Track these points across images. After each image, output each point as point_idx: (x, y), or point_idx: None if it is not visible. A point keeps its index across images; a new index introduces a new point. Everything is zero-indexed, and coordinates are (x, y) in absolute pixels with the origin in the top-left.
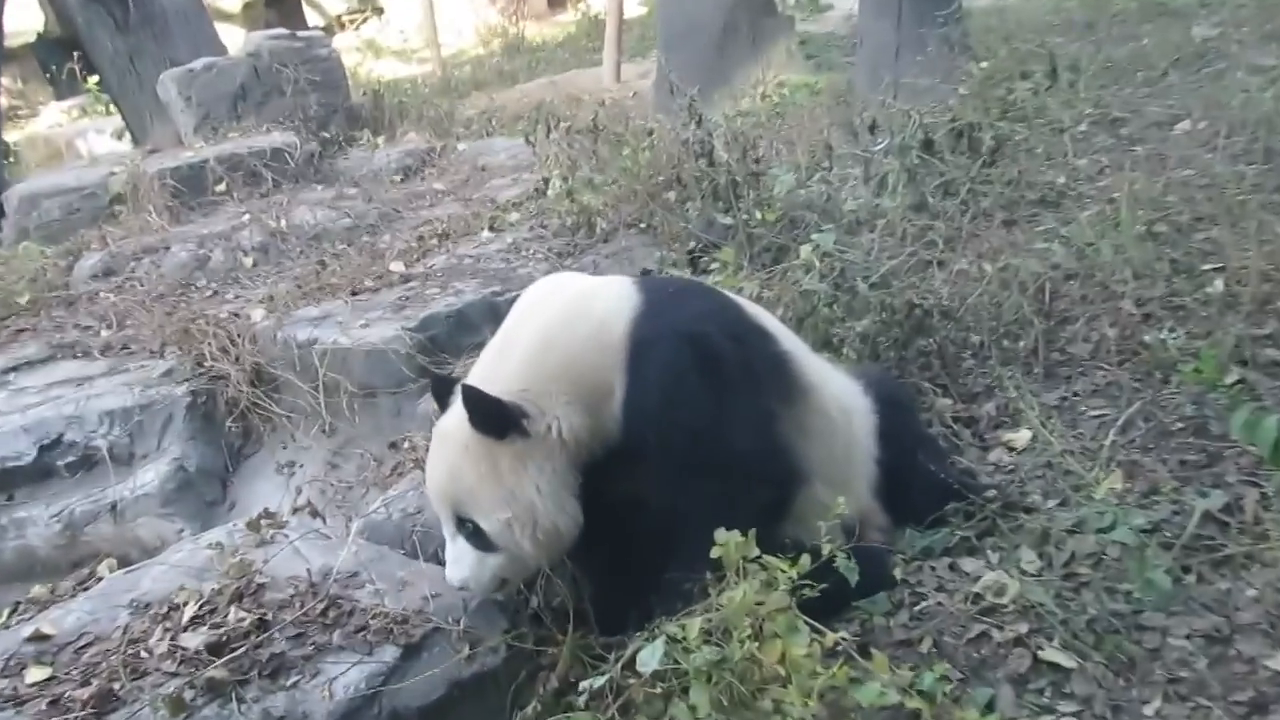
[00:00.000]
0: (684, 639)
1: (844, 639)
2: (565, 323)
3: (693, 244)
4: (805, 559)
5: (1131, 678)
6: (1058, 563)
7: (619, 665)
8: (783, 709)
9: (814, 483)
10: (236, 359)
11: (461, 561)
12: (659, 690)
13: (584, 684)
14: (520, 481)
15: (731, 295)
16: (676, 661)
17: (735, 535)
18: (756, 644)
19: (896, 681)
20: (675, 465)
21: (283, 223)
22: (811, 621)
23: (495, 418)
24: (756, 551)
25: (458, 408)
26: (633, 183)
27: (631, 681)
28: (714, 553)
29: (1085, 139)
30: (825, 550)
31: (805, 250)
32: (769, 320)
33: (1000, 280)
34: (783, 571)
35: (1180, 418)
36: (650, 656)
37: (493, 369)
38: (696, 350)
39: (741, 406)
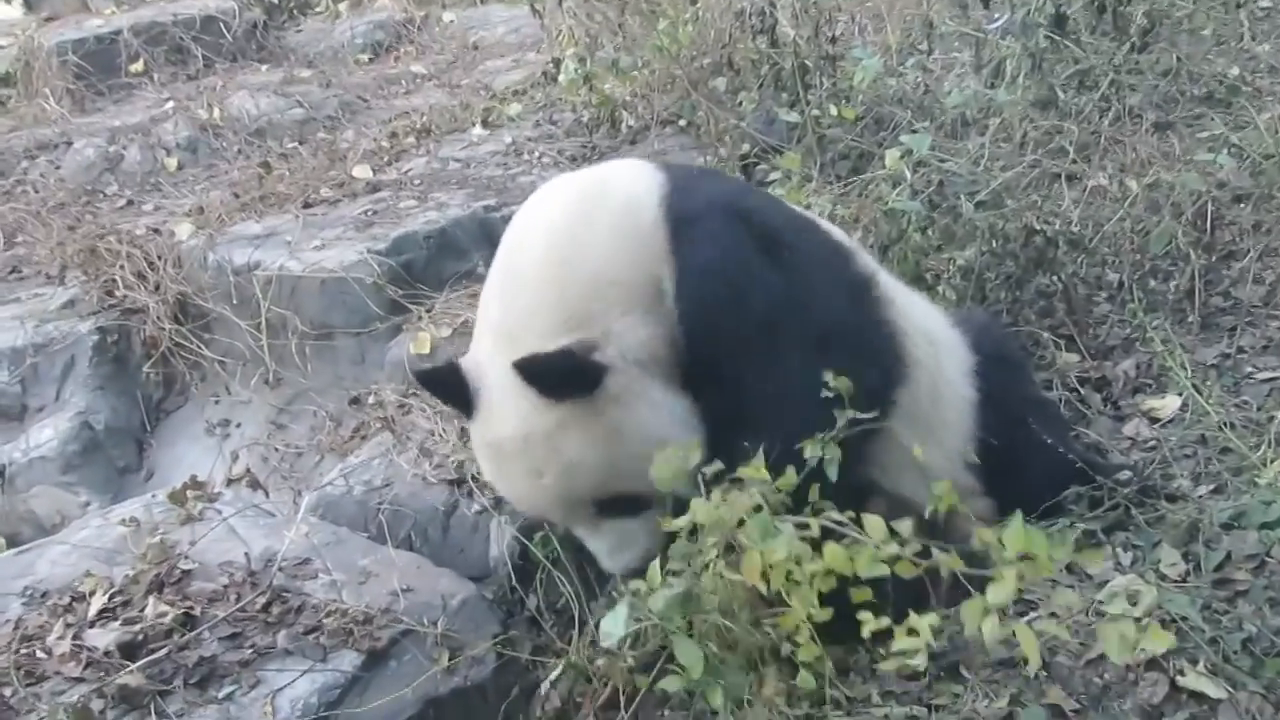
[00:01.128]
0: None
1: (833, 521)
2: (580, 222)
3: (746, 147)
4: (790, 472)
5: None
6: (1208, 566)
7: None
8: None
9: (898, 411)
10: (156, 287)
11: (628, 539)
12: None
13: (543, 680)
14: (640, 419)
15: (795, 208)
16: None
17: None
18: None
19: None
20: (756, 356)
21: (216, 113)
22: (792, 518)
23: (575, 371)
24: (718, 465)
25: (503, 400)
26: (670, 66)
27: (599, 662)
28: (655, 472)
29: (1268, 17)
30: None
31: (890, 157)
32: (836, 232)
33: (1149, 201)
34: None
35: None
36: (613, 624)
37: (510, 320)
38: (749, 224)
39: (820, 275)
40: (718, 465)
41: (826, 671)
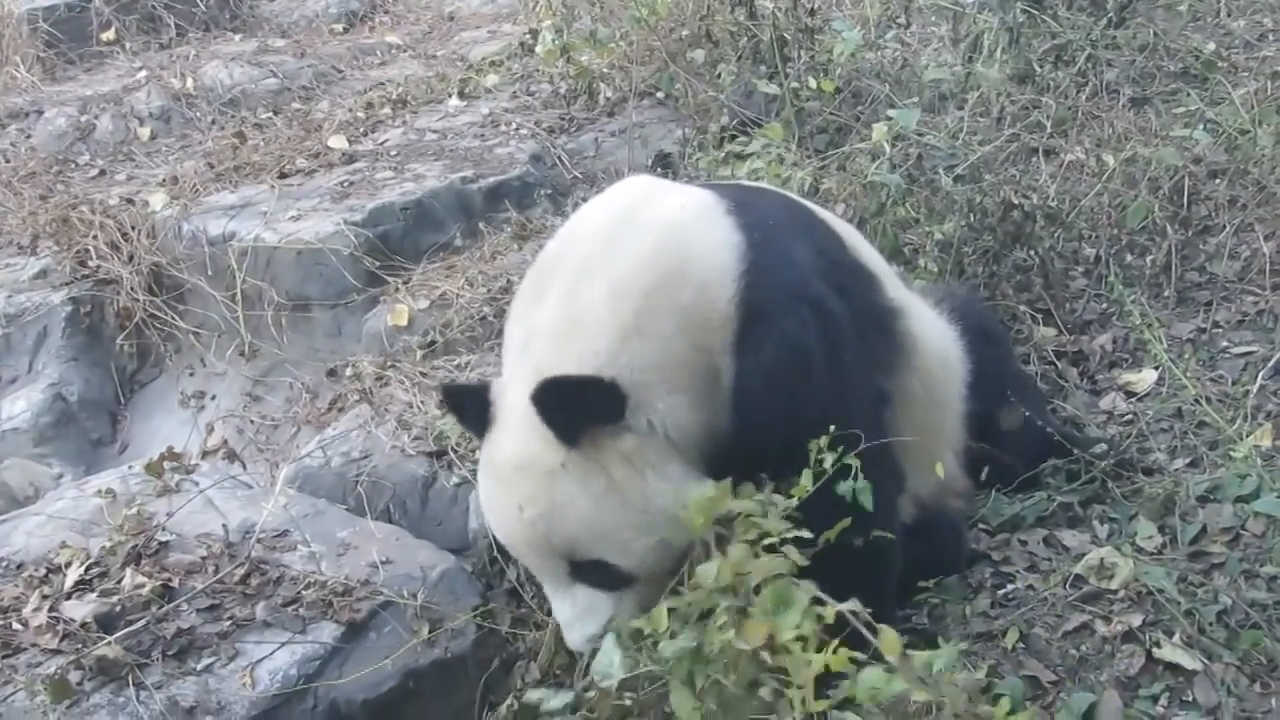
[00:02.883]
0: (652, 634)
1: (855, 613)
2: (659, 288)
3: (725, 120)
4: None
5: (1270, 683)
6: (1184, 539)
7: (582, 681)
8: (779, 706)
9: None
10: (130, 258)
11: (595, 612)
12: (629, 700)
13: (542, 699)
14: (646, 490)
15: (818, 211)
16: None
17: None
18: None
19: (905, 668)
20: (801, 449)
21: (189, 82)
22: (817, 593)
23: (599, 402)
24: (735, 507)
25: (513, 424)
26: (648, 37)
27: (591, 694)
28: (690, 513)
29: None
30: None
31: (877, 131)
32: (861, 246)
33: (1125, 176)
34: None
35: None
36: (607, 663)
37: (555, 343)
38: (816, 321)
39: (858, 388)
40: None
41: None
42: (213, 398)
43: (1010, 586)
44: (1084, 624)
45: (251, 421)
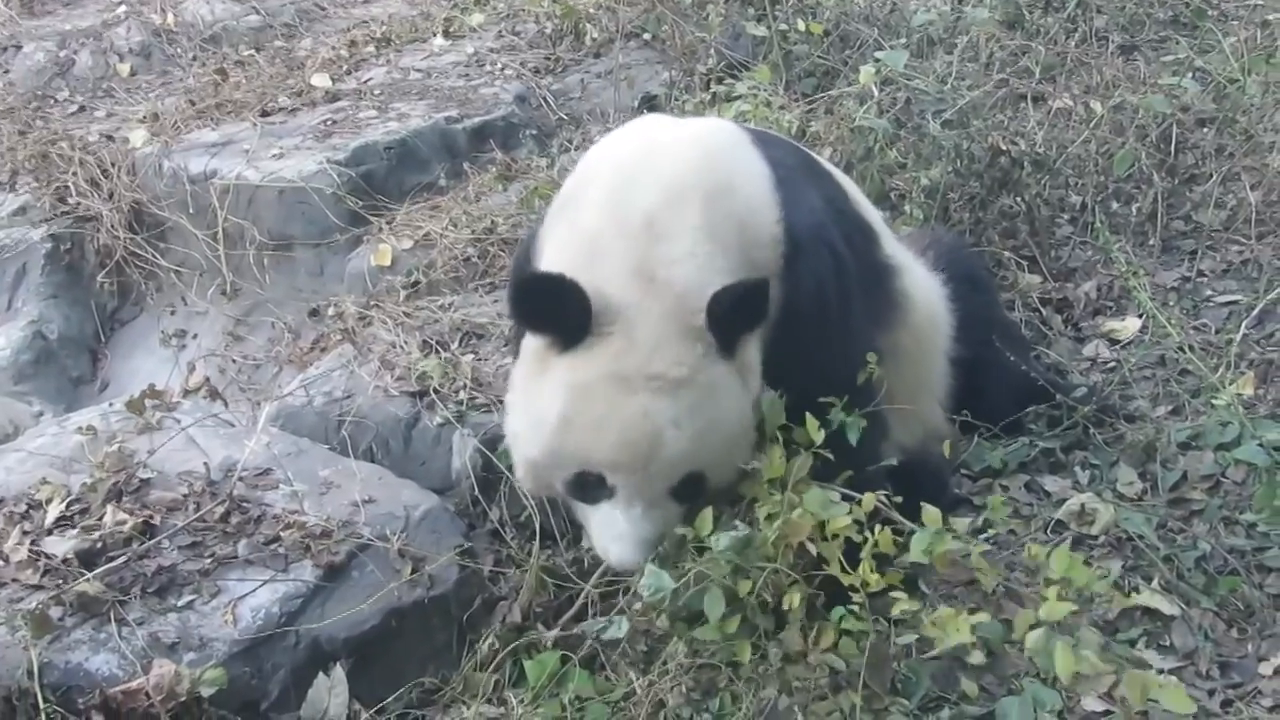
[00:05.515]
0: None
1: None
2: (715, 194)
3: (712, 62)
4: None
5: (1247, 628)
6: (1164, 485)
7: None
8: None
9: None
10: (110, 195)
11: (651, 530)
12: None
13: (602, 628)
14: (756, 398)
15: (822, 161)
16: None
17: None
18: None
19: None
20: (816, 385)
21: (170, 17)
22: (843, 489)
23: (755, 308)
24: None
25: (646, 334)
26: None
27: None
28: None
29: None
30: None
31: (864, 74)
32: (861, 200)
33: (1113, 124)
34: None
35: None
36: (657, 581)
37: (661, 264)
38: (835, 266)
39: (860, 338)
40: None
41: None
42: (194, 336)
43: (991, 532)
44: None
45: (233, 361)
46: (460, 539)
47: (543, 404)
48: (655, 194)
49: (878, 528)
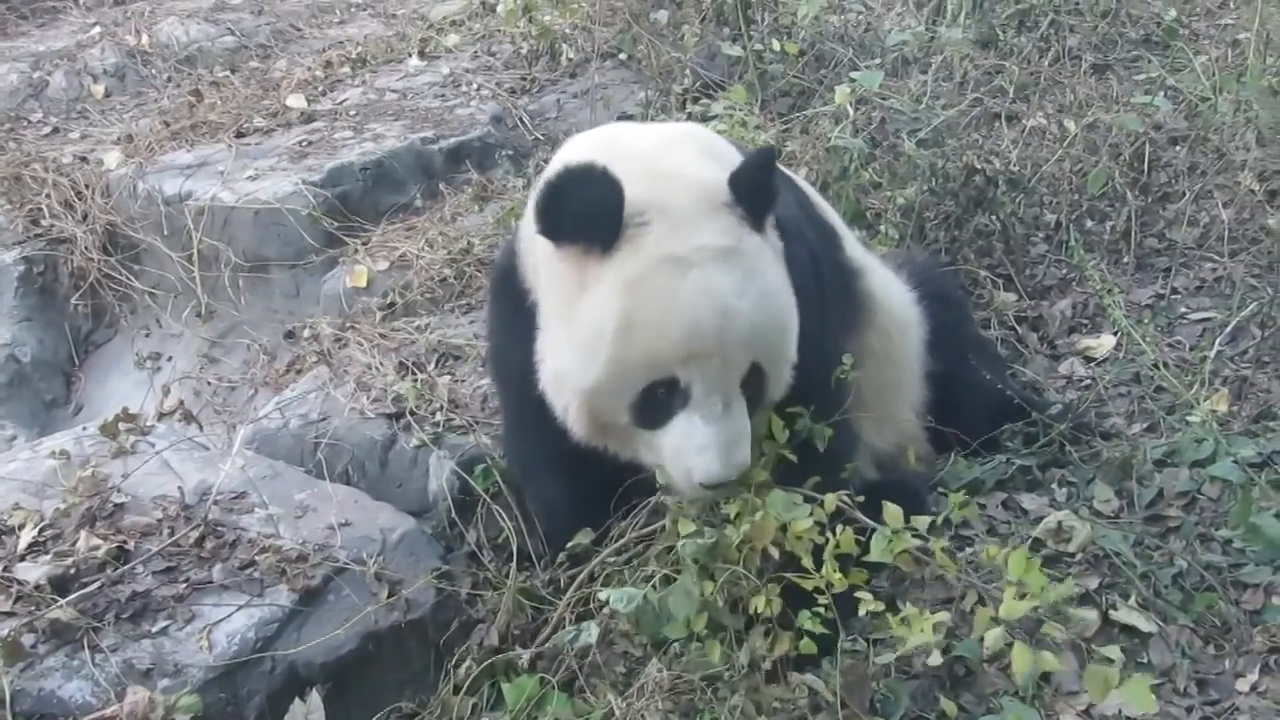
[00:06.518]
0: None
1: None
2: (715, 162)
3: (688, 81)
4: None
5: (1224, 645)
6: (1140, 502)
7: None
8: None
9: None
10: (84, 217)
11: (748, 435)
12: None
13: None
14: (789, 289)
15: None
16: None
17: None
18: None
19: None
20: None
21: (145, 38)
22: (805, 491)
23: (772, 187)
24: None
25: (686, 216)
26: None
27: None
28: None
29: None
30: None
31: (840, 93)
32: (823, 204)
33: (1086, 142)
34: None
35: None
36: (621, 598)
37: (649, 159)
38: (812, 259)
39: (832, 336)
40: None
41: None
42: (169, 359)
43: (969, 549)
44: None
45: (208, 383)
46: (437, 562)
47: (596, 316)
48: (649, 140)
49: (839, 528)
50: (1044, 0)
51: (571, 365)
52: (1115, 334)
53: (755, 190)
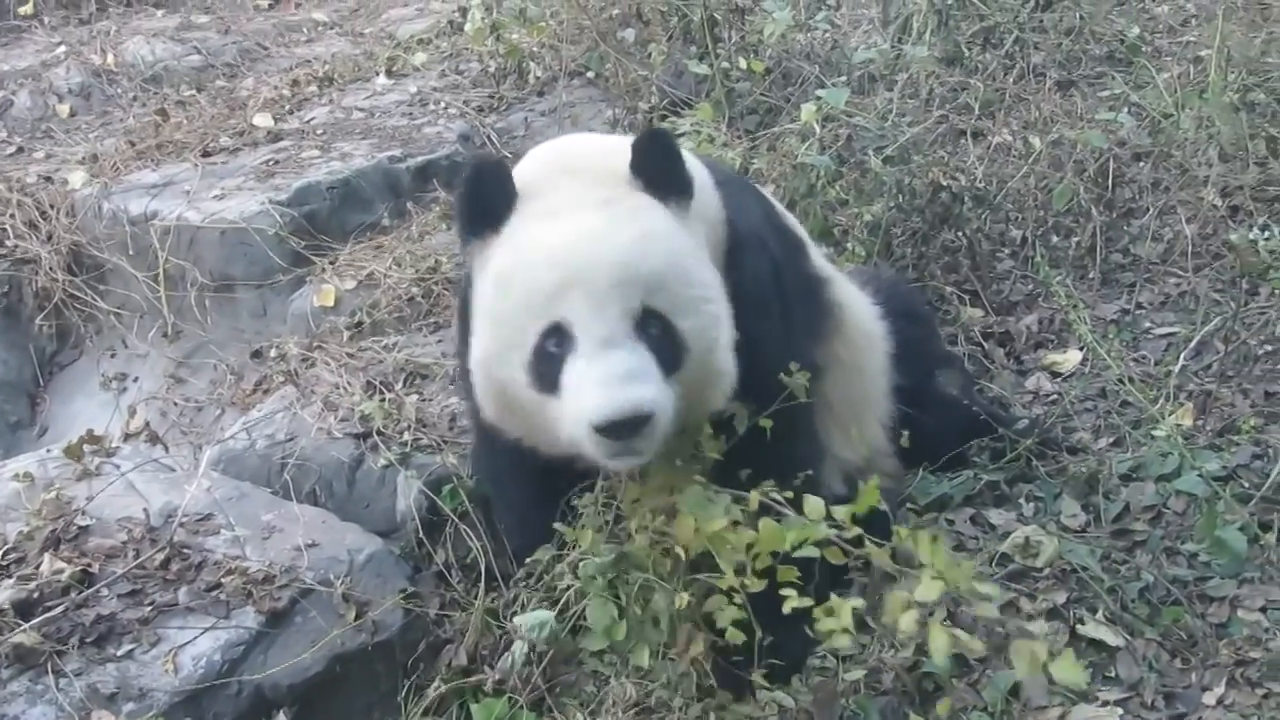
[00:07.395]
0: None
1: (773, 499)
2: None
3: (655, 99)
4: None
5: (1190, 658)
6: (1107, 517)
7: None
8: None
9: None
10: (49, 237)
11: (649, 375)
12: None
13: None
14: (711, 270)
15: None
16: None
17: None
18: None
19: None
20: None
21: (110, 58)
22: (729, 490)
23: (678, 165)
24: None
25: (583, 176)
26: (578, 16)
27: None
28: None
29: None
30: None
31: (806, 111)
32: (787, 215)
33: (1051, 159)
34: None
35: (1269, 338)
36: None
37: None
38: (774, 267)
39: (796, 345)
40: None
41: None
42: (135, 380)
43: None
44: (1009, 601)
45: (175, 404)
46: (405, 582)
47: (492, 279)
48: (593, 145)
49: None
50: (1008, 18)
51: (482, 340)
52: (1081, 349)
53: (656, 166)
